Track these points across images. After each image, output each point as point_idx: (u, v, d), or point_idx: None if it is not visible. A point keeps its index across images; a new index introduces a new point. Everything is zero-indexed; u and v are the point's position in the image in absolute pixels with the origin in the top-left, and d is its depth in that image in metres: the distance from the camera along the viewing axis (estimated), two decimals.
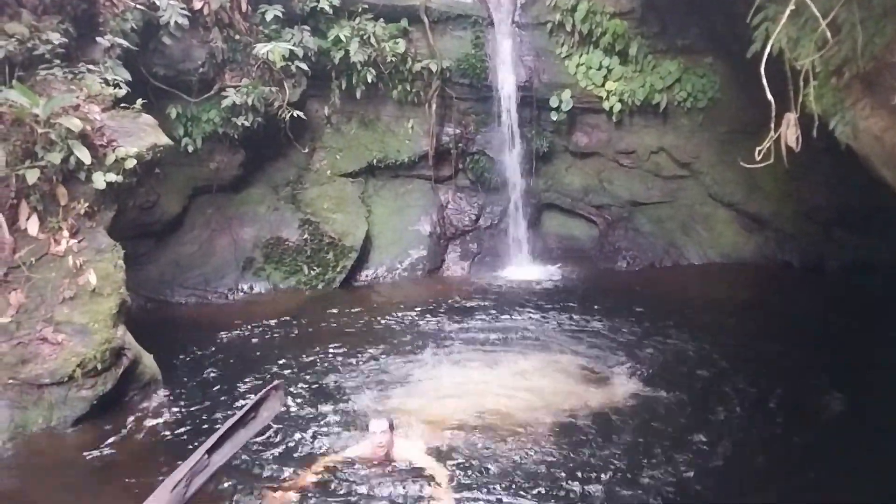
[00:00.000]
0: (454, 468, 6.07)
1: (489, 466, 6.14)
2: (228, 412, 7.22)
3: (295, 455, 6.36)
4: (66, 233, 7.45)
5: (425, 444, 6.48)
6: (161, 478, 4.04)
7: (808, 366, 8.06)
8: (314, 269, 11.79)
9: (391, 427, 6.13)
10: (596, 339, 9.24)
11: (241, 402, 7.48)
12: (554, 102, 12.32)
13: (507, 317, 10.28)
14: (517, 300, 11.03)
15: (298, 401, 7.49)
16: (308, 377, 8.21)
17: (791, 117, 4.97)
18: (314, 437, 6.72)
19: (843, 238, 11.59)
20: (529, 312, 10.41)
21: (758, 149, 4.95)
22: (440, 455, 6.27)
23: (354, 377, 8.21)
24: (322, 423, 7.03)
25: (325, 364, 8.63)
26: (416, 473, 5.94)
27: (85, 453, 6.52)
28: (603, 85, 12.16)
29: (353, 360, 8.71)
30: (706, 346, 8.81)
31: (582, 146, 12.99)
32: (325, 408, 7.36)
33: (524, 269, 12.68)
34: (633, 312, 10.04)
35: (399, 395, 7.73)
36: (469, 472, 6.04)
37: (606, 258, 12.80)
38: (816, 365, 8.04)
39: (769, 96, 4.86)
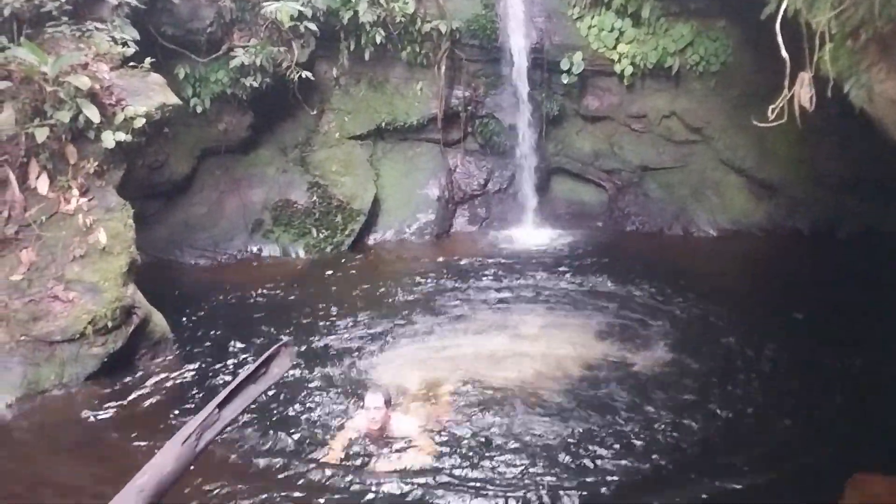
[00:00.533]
0: (448, 443, 6.02)
1: (489, 440, 6.09)
2: (237, 370, 7.31)
3: (293, 426, 6.37)
4: (75, 191, 7.47)
5: (424, 416, 6.42)
6: (172, 432, 4.09)
7: (823, 332, 8.07)
8: (323, 232, 11.80)
9: (387, 403, 6.04)
10: (603, 303, 9.24)
11: (250, 360, 7.55)
12: (565, 65, 12.17)
13: (515, 282, 10.27)
14: (525, 265, 11.01)
15: (301, 364, 7.50)
16: (312, 339, 8.26)
17: (805, 76, 4.91)
18: (314, 406, 6.73)
19: (855, 205, 11.49)
20: (537, 278, 10.40)
21: (771, 107, 4.89)
22: (438, 428, 6.23)
23: (359, 340, 8.25)
24: (322, 389, 7.05)
25: (330, 327, 8.68)
26: (410, 448, 5.93)
27: (96, 409, 6.63)
28: (615, 47, 11.99)
29: (359, 324, 8.75)
30: (717, 311, 8.83)
31: (593, 110, 12.86)
32: (327, 372, 7.40)
33: (532, 234, 12.64)
34: (641, 277, 10.01)
35: (402, 359, 7.76)
36: (464, 448, 5.98)
37: (616, 223, 12.76)
38: (831, 331, 8.05)
39: (784, 53, 4.79)
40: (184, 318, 8.71)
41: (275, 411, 6.60)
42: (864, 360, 7.29)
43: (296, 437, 6.17)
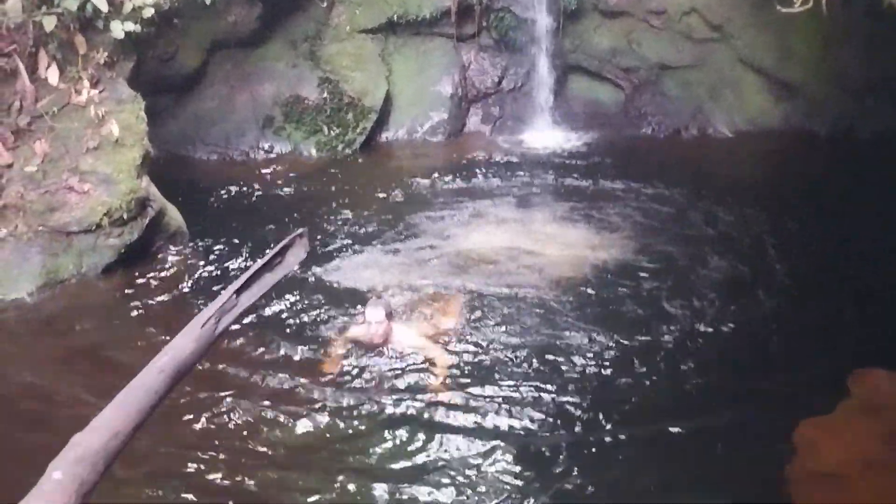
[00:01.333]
0: (454, 354, 5.91)
1: (498, 354, 5.95)
2: (250, 262, 7.39)
3: (288, 334, 6.28)
4: (86, 82, 7.41)
5: (429, 326, 6.26)
6: (189, 319, 4.20)
7: (836, 235, 8.08)
8: (334, 130, 11.67)
9: (388, 315, 5.86)
10: (617, 204, 9.22)
11: (261, 254, 7.61)
12: None
13: (529, 181, 10.25)
14: (539, 165, 10.95)
15: (305, 263, 7.11)
16: (319, 238, 8.22)
17: None
18: (312, 310, 6.63)
19: (875, 107, 11.24)
20: (551, 177, 10.37)
21: None
22: (445, 340, 6.09)
23: (366, 240, 8.25)
24: (323, 292, 6.97)
25: (338, 225, 8.70)
26: (414, 360, 5.81)
27: (115, 297, 6.80)
28: None
29: (367, 222, 8.77)
30: (732, 214, 8.80)
31: (612, 4, 12.43)
32: (331, 273, 7.37)
33: (547, 133, 12.44)
34: (656, 177, 9.92)
35: (409, 260, 7.73)
36: (473, 361, 5.84)
37: (632, 124, 12.54)
38: (844, 234, 8.06)
39: None
40: (197, 212, 8.74)
41: (269, 316, 6.46)
42: (875, 262, 7.32)
43: (290, 345, 6.03)
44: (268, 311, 6.52)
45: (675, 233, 8.34)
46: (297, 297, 6.82)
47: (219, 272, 7.41)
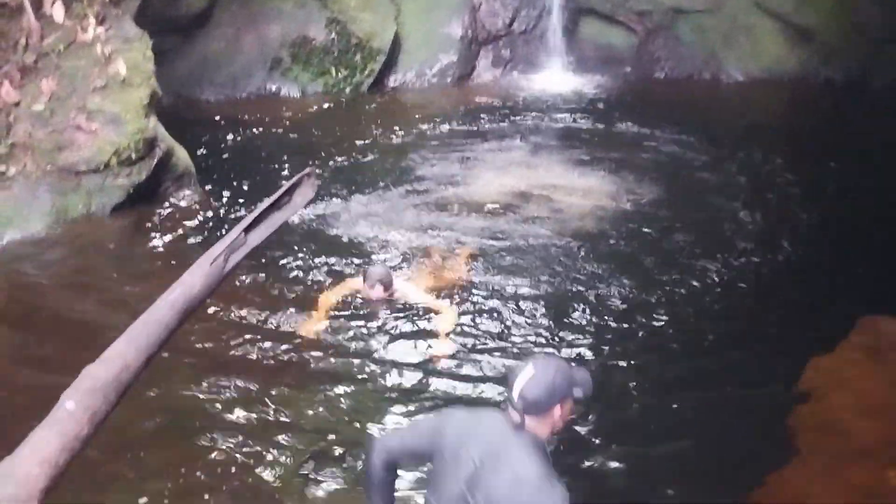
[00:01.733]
0: (460, 313, 5.62)
1: (507, 309, 5.71)
2: (258, 203, 7.34)
3: (300, 272, 6.20)
4: (92, 20, 7.29)
5: (433, 280, 6.02)
6: (198, 258, 4.23)
7: (848, 182, 8.01)
8: (342, 72, 11.55)
9: (388, 283, 5.57)
10: (630, 149, 9.14)
11: (268, 196, 7.57)
12: None
13: (539, 126, 10.19)
14: (549, 109, 10.86)
15: (312, 206, 7.06)
16: (325, 183, 8.03)
17: None
18: (312, 261, 6.45)
19: (893, 55, 11.06)
20: (562, 122, 10.33)
21: None
22: (445, 294, 5.86)
23: (370, 187, 8.11)
24: (326, 243, 6.85)
25: (344, 171, 8.62)
26: (417, 319, 5.54)
27: (124, 236, 6.83)
28: None
29: (373, 168, 8.71)
30: (743, 159, 8.74)
31: None
32: (335, 220, 7.26)
33: (558, 77, 12.31)
34: (668, 124, 9.81)
35: (414, 208, 7.63)
36: (473, 316, 5.60)
37: (644, 68, 12.37)
38: (856, 180, 8.00)
39: None
40: (205, 154, 8.74)
41: (267, 269, 6.21)
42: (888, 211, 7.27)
43: (284, 308, 5.71)
44: (264, 262, 6.24)
45: (689, 180, 8.29)
46: (298, 245, 6.67)
47: (226, 212, 7.42)
